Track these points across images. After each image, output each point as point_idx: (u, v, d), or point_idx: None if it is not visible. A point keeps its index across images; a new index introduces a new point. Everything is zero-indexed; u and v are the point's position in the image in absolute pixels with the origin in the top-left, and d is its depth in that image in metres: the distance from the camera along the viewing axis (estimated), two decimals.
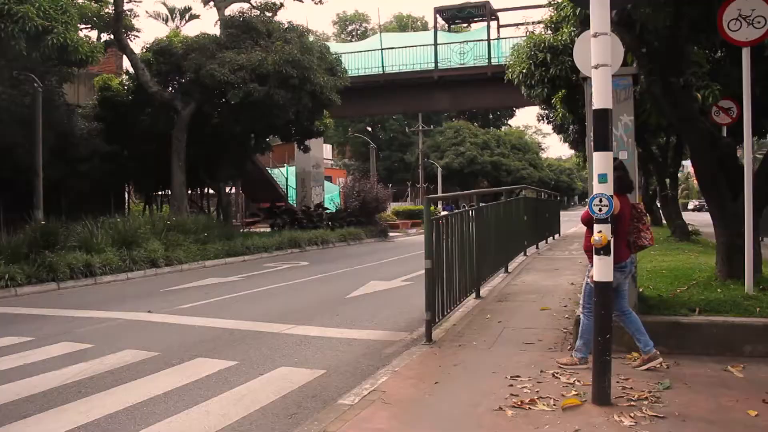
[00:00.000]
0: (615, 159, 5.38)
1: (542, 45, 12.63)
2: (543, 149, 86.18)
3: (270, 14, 26.10)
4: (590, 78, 4.75)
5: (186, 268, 16.06)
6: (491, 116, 69.53)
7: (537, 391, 4.98)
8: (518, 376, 5.38)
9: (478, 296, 9.30)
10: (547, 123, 21.09)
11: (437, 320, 7.13)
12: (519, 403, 4.71)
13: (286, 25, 23.22)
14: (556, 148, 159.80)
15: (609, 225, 4.56)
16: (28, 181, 17.03)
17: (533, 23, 14.80)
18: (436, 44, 31.78)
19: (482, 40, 31.61)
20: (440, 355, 6.25)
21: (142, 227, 16.60)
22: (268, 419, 4.87)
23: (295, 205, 32.33)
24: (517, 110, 70.59)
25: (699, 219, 25.93)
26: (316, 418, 4.64)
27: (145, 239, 16.00)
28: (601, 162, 4.56)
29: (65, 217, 16.73)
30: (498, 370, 5.64)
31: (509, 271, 12.18)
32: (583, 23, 7.47)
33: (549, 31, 13.05)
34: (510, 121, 74.86)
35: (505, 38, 31.55)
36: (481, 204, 9.81)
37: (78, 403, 5.31)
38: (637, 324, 5.57)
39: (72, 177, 20.74)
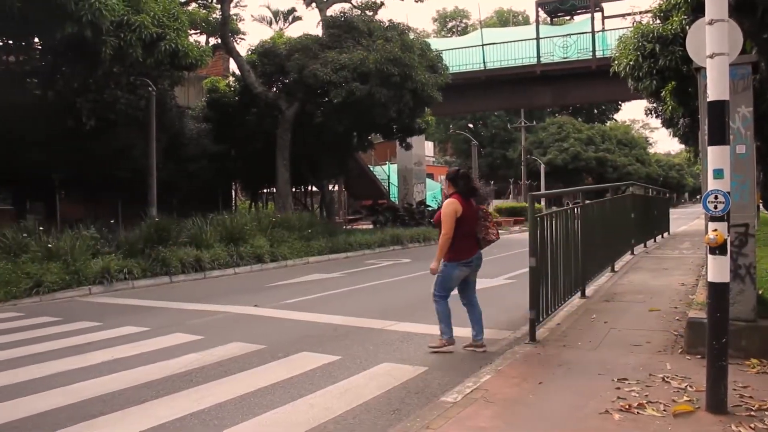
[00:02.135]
0: (459, 168, 7.03)
1: (650, 35, 12.15)
2: (650, 144, 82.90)
3: (371, 13, 26.41)
4: (704, 68, 4.52)
5: (290, 264, 16.46)
6: (596, 111, 67.54)
7: (646, 395, 4.80)
8: (625, 379, 5.20)
9: (583, 295, 9.07)
10: (656, 117, 20.30)
11: (541, 319, 7.00)
12: (627, 407, 4.55)
13: (387, 24, 23.40)
14: (664, 143, 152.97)
15: (725, 223, 4.34)
16: (143, 180, 17.94)
17: (640, 13, 14.27)
18: (538, 38, 31.22)
19: (586, 32, 30.81)
20: (544, 354, 6.14)
21: (248, 224, 17.14)
22: (371, 414, 4.92)
23: (397, 203, 32.51)
24: (623, 104, 68.26)
25: None
26: (419, 415, 4.64)
27: (251, 236, 16.52)
28: (716, 157, 4.35)
29: (176, 215, 17.53)
30: (604, 371, 5.47)
31: (616, 270, 11.81)
32: (696, 10, 7.14)
33: (657, 21, 12.54)
34: (615, 116, 72.52)
35: (610, 30, 30.73)
36: (587, 201, 9.56)
37: (190, 392, 5.54)
38: (479, 315, 6.76)
39: (182, 176, 21.66)
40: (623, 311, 8.17)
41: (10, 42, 17.64)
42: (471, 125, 60.35)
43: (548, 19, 39.22)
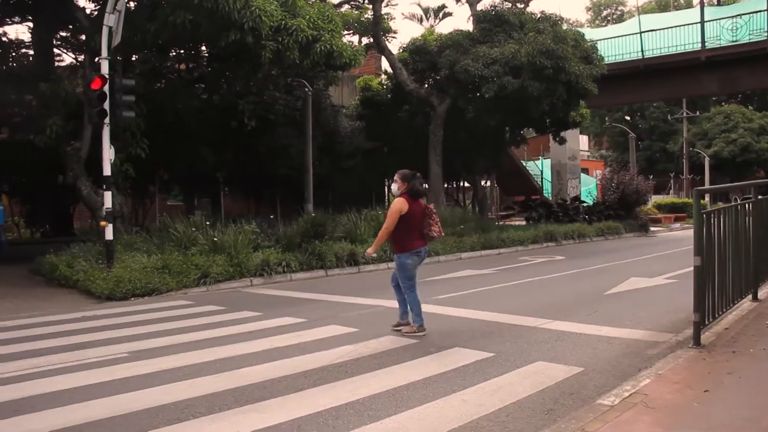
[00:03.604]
0: (411, 171, 7.80)
1: None
2: None
3: (522, 5, 26.00)
4: None
5: (443, 259, 16.53)
6: None
7: None
8: None
9: (755, 299, 8.44)
10: None
11: (707, 322, 6.57)
12: None
13: (539, 15, 22.98)
14: None
15: None
16: (300, 177, 18.72)
17: None
18: (702, 22, 29.25)
19: (760, 11, 28.42)
20: (710, 360, 5.77)
21: None
22: (525, 413, 4.85)
23: (550, 198, 31.80)
24: None
25: None
26: (574, 417, 4.52)
27: None
28: None
29: (331, 210, 18.13)
30: None
31: None
32: None
33: None
34: None
35: None
36: (759, 196, 8.88)
37: (345, 382, 5.71)
38: (417, 302, 7.64)
39: (337, 173, 22.38)
40: None
41: (182, 51, 19.04)
42: (628, 117, 57.85)
43: (714, 0, 36.70)
